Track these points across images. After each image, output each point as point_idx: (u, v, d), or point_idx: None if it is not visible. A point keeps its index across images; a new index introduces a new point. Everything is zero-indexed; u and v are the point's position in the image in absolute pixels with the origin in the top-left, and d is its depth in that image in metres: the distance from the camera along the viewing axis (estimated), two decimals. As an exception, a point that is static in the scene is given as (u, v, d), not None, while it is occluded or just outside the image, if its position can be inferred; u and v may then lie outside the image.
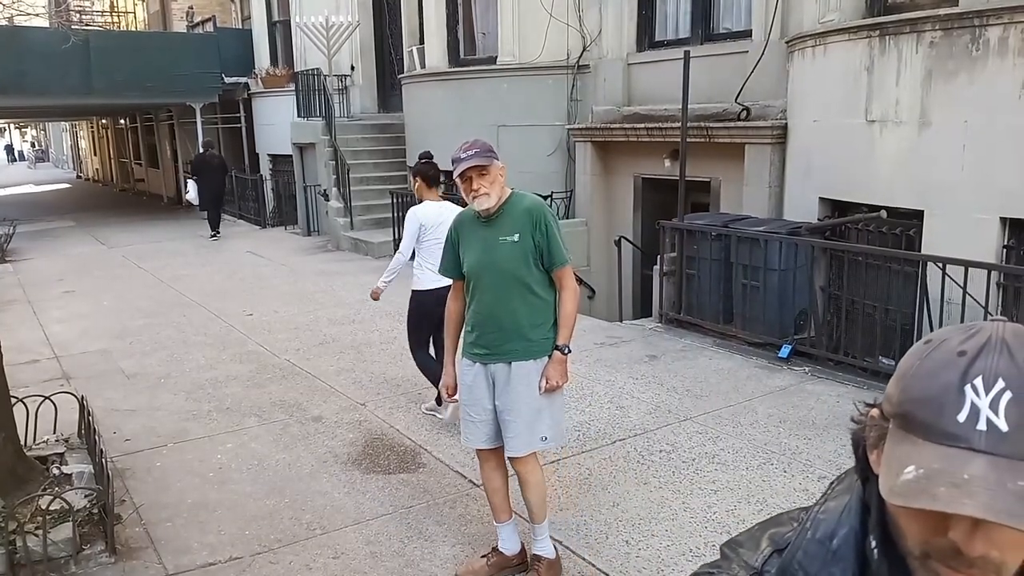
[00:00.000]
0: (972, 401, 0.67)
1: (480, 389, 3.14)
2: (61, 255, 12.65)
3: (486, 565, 3.28)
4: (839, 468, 4.09)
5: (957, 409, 0.68)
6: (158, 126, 22.60)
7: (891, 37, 5.68)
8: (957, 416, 0.67)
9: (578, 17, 9.50)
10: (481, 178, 3.00)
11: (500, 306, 3.06)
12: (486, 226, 3.09)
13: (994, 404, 0.67)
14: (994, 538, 0.68)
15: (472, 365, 3.16)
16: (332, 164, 12.38)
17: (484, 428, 3.17)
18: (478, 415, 3.16)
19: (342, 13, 13.14)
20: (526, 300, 3.05)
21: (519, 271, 3.04)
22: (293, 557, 3.50)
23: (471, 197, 3.02)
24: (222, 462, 4.53)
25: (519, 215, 3.06)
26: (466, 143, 3.06)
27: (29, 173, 40.88)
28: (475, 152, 3.00)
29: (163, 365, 6.43)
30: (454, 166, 3.03)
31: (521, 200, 3.12)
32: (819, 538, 0.82)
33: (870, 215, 6.07)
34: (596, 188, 9.45)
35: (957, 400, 0.68)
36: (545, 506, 3.27)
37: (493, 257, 3.05)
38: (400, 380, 5.82)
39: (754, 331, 6.26)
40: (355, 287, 9.17)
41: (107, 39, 16.26)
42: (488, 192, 3.01)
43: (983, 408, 0.67)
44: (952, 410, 0.68)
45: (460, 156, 3.01)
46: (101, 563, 3.46)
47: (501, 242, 3.04)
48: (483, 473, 3.31)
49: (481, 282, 3.10)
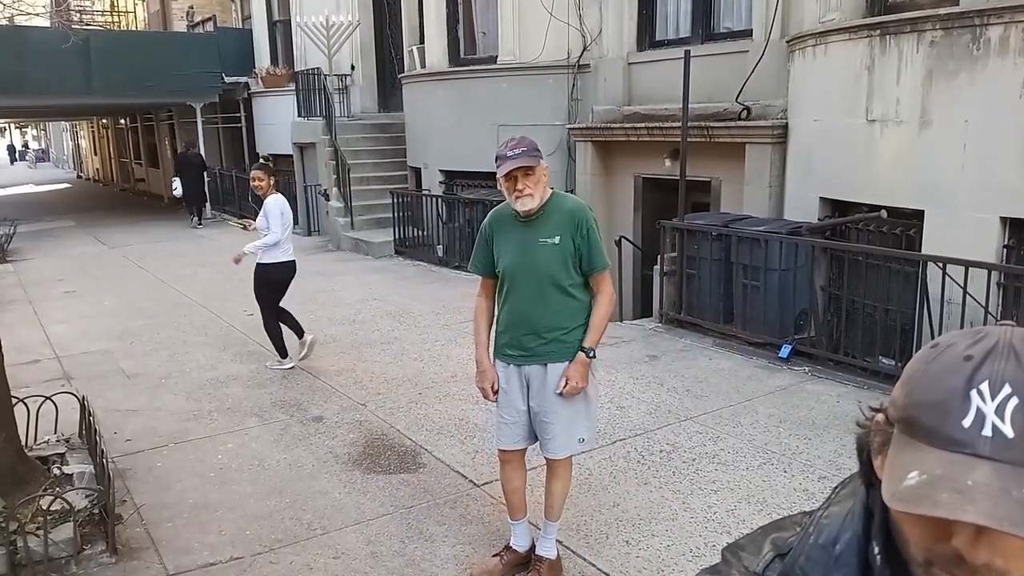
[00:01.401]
0: (978, 406, 0.66)
1: (514, 391, 3.11)
2: (61, 255, 12.65)
3: (500, 563, 3.27)
4: (839, 468, 4.09)
5: (962, 414, 0.66)
6: (158, 126, 22.62)
7: (892, 36, 5.68)
8: (962, 421, 0.66)
9: (578, 16, 9.50)
10: (526, 178, 2.93)
11: (536, 308, 3.01)
12: (525, 226, 3.02)
13: (1000, 410, 0.65)
14: (997, 546, 0.67)
15: (507, 367, 3.12)
16: (332, 164, 12.39)
17: (518, 430, 3.14)
18: (512, 417, 3.13)
19: (342, 13, 13.14)
20: (563, 302, 3.01)
21: (558, 274, 2.99)
22: (294, 557, 3.50)
23: (514, 197, 2.95)
24: (223, 462, 4.53)
25: (561, 217, 3.00)
26: (512, 140, 2.97)
27: (29, 173, 40.90)
28: (522, 151, 2.91)
29: (164, 365, 6.43)
30: (498, 163, 2.93)
31: (563, 202, 3.06)
32: (822, 543, 0.81)
33: (870, 215, 6.07)
34: (596, 188, 9.45)
35: (962, 405, 0.67)
36: (563, 505, 3.29)
37: (532, 259, 2.99)
38: (401, 380, 5.82)
39: (754, 331, 6.26)
40: (355, 287, 9.17)
41: (107, 39, 16.26)
42: (532, 193, 2.95)
43: (988, 414, 0.66)
44: (957, 415, 0.67)
45: (507, 154, 2.92)
46: (102, 563, 3.46)
47: (541, 244, 2.98)
48: (505, 473, 3.28)
49: (516, 283, 3.04)
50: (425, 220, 10.65)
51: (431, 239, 10.51)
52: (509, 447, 3.18)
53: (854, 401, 5.11)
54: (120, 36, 19.04)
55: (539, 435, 3.12)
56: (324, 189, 12.70)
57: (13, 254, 12.60)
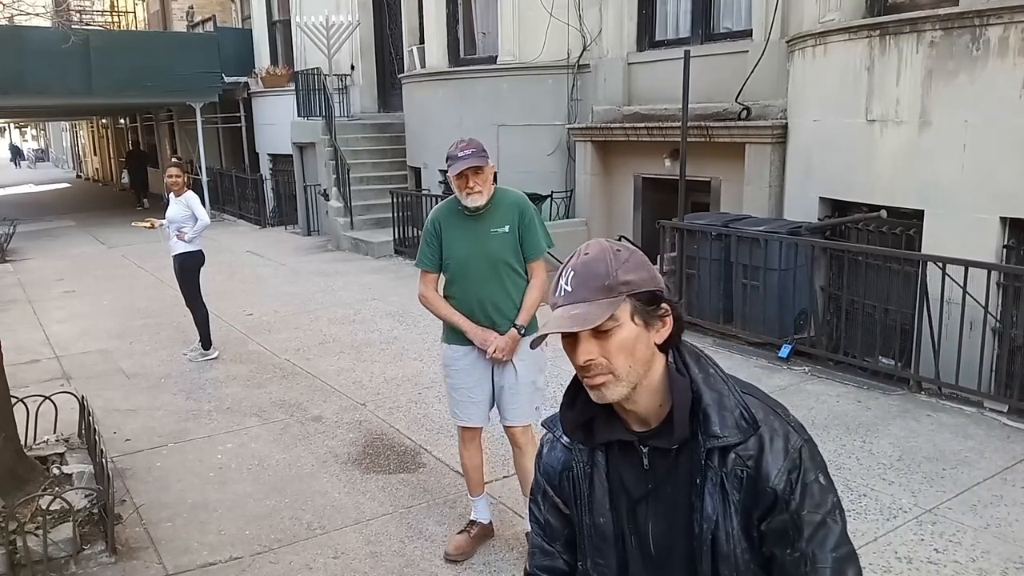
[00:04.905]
0: (560, 282, 1.25)
1: (480, 370, 3.36)
2: (61, 255, 12.66)
3: (469, 537, 3.51)
4: (839, 468, 4.09)
5: (556, 290, 1.26)
6: (158, 126, 22.61)
7: (891, 37, 5.68)
8: (556, 293, 1.26)
9: (578, 16, 9.50)
10: (476, 176, 3.20)
11: (492, 287, 3.28)
12: (474, 220, 3.29)
13: (565, 278, 1.25)
14: (582, 348, 1.22)
15: (469, 348, 3.34)
16: (332, 164, 12.38)
17: (483, 408, 3.42)
18: (478, 396, 3.39)
19: (342, 12, 13.14)
20: (515, 282, 3.32)
21: (509, 258, 3.30)
22: (293, 557, 3.50)
23: (465, 194, 3.22)
24: (222, 462, 4.53)
25: (507, 208, 3.31)
26: (462, 142, 3.24)
27: (29, 173, 40.89)
28: (472, 152, 3.18)
29: (163, 365, 6.43)
30: (449, 163, 3.21)
31: (506, 195, 3.35)
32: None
33: (870, 215, 6.07)
34: (596, 188, 9.45)
35: (555, 286, 1.26)
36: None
37: (485, 248, 3.27)
38: (400, 380, 5.82)
39: (754, 331, 6.26)
40: (355, 287, 9.17)
41: (107, 39, 16.24)
42: (481, 190, 3.22)
43: (561, 283, 1.25)
44: (552, 291, 1.27)
45: (458, 155, 3.19)
46: (101, 563, 3.46)
47: (493, 233, 3.27)
48: (467, 451, 3.53)
49: (470, 271, 3.30)
50: (424, 220, 10.63)
51: (431, 239, 10.49)
52: (475, 424, 3.45)
53: (854, 401, 5.11)
54: (120, 36, 19.03)
55: (502, 407, 3.41)
56: (324, 189, 12.70)
57: (12, 254, 12.61)
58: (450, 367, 3.42)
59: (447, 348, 3.43)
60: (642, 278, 1.24)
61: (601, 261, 1.23)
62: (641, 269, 1.25)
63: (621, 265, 1.23)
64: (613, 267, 1.23)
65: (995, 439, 4.44)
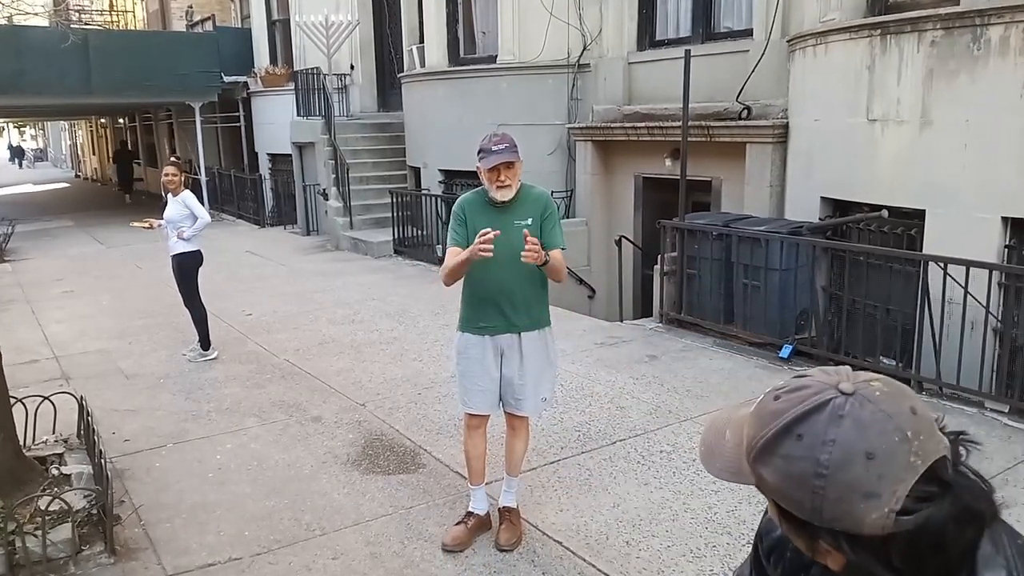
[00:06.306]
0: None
1: (489, 359, 3.43)
2: (60, 255, 12.64)
3: (466, 528, 3.55)
4: (841, 468, 4.08)
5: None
6: (157, 125, 22.61)
7: (892, 36, 5.67)
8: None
9: (578, 16, 9.49)
10: (508, 171, 3.27)
11: (513, 282, 3.34)
12: (500, 212, 3.35)
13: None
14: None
15: (481, 338, 3.41)
16: (331, 163, 12.37)
17: (491, 396, 3.47)
18: (486, 384, 3.45)
19: (342, 12, 13.13)
20: (532, 278, 3.38)
21: None
22: (293, 558, 3.49)
23: (495, 187, 3.29)
24: (221, 463, 4.51)
25: (531, 202, 3.40)
26: (496, 136, 3.31)
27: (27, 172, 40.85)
28: (505, 147, 3.25)
29: (162, 365, 6.42)
30: (481, 156, 3.27)
31: (531, 190, 3.45)
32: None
33: (871, 215, 6.06)
34: (596, 187, 9.44)
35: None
36: (522, 462, 3.72)
37: (510, 238, 3.27)
38: (400, 380, 5.81)
39: (755, 331, 6.25)
40: (355, 287, 9.16)
41: (106, 38, 16.24)
42: (511, 184, 3.30)
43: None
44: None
45: (492, 148, 3.26)
46: (100, 564, 3.45)
47: (517, 225, 3.31)
48: (471, 439, 3.59)
49: (492, 259, 3.29)
50: (424, 220, 10.62)
51: (430, 239, 10.48)
52: (482, 411, 3.51)
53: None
54: (119, 35, 19.01)
55: (509, 398, 3.48)
56: (323, 189, 12.69)
57: (11, 254, 12.58)
58: (462, 354, 3.48)
59: (460, 336, 3.50)
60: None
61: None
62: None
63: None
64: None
65: (996, 439, 4.43)
